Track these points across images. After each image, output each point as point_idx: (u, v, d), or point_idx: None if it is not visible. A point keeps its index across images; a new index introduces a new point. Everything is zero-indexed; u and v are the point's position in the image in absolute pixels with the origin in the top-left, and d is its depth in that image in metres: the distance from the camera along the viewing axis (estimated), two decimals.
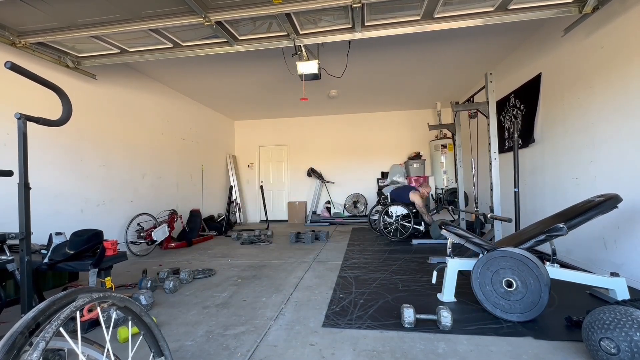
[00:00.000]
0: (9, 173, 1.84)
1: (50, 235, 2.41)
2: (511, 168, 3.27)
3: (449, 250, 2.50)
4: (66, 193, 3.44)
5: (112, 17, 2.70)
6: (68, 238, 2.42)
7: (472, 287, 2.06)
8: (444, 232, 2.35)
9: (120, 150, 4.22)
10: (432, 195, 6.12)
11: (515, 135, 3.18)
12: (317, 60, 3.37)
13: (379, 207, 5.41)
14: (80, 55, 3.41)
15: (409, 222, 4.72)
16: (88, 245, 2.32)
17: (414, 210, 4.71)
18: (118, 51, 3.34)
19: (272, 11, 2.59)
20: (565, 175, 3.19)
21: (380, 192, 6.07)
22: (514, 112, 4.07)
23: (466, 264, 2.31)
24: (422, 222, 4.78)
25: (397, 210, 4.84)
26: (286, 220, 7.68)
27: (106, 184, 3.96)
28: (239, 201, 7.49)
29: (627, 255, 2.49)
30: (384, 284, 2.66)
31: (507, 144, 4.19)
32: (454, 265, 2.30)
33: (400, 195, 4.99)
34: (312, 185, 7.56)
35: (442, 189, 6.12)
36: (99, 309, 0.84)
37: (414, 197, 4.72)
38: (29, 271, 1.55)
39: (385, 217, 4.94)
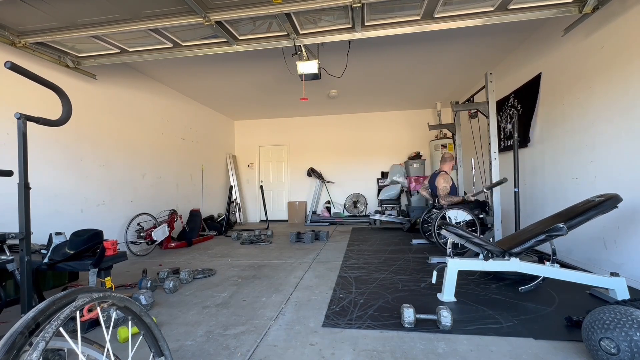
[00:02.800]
0: (9, 173, 1.84)
1: (50, 235, 2.41)
2: (511, 168, 3.27)
3: (449, 250, 2.50)
4: (66, 193, 3.44)
5: (112, 17, 2.70)
6: (68, 238, 2.42)
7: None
8: (443, 232, 2.35)
9: (120, 150, 4.22)
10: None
11: (515, 135, 3.18)
12: (317, 60, 3.37)
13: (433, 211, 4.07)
14: (80, 55, 3.41)
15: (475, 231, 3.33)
16: (88, 245, 2.31)
17: (481, 216, 3.39)
18: (118, 51, 3.34)
19: (272, 11, 2.59)
20: (565, 175, 3.19)
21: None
22: (511, 112, 4.07)
23: (466, 264, 2.31)
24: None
25: (457, 215, 3.37)
26: (286, 220, 7.68)
27: (106, 184, 3.96)
28: (239, 201, 7.49)
29: (627, 255, 2.49)
30: (384, 284, 2.66)
31: (502, 143, 4.19)
32: (454, 265, 2.30)
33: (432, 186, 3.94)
34: (312, 185, 7.56)
35: None
36: (99, 309, 0.84)
37: (438, 182, 3.85)
38: (29, 271, 1.55)
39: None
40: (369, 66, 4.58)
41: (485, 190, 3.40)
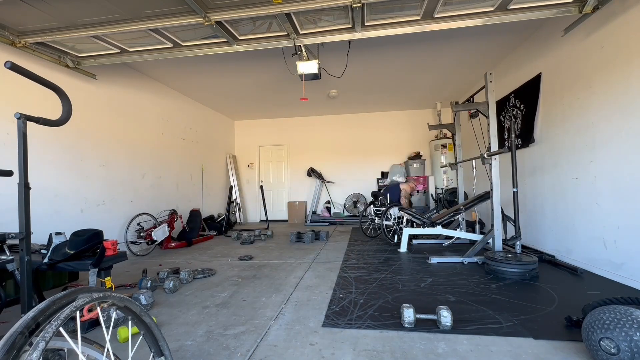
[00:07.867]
0: (9, 173, 1.84)
1: (50, 235, 2.41)
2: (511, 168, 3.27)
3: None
4: (66, 193, 3.44)
5: (112, 17, 2.70)
6: (68, 238, 2.42)
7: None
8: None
9: (120, 150, 4.22)
10: (432, 195, 6.12)
11: (513, 135, 3.18)
12: (317, 60, 3.37)
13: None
14: (80, 55, 3.41)
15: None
16: (88, 245, 2.31)
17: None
18: (118, 51, 3.34)
19: (272, 11, 2.59)
20: (565, 175, 3.19)
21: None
22: (514, 112, 4.07)
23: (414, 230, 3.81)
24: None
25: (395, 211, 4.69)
26: (286, 220, 7.68)
27: (106, 184, 3.96)
28: (239, 201, 7.49)
29: (627, 255, 2.49)
30: (384, 284, 2.66)
31: (506, 143, 4.19)
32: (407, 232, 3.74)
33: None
34: (312, 185, 7.56)
35: (442, 188, 6.11)
36: (99, 309, 0.84)
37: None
38: (29, 271, 1.55)
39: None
40: (369, 66, 4.58)
41: None
